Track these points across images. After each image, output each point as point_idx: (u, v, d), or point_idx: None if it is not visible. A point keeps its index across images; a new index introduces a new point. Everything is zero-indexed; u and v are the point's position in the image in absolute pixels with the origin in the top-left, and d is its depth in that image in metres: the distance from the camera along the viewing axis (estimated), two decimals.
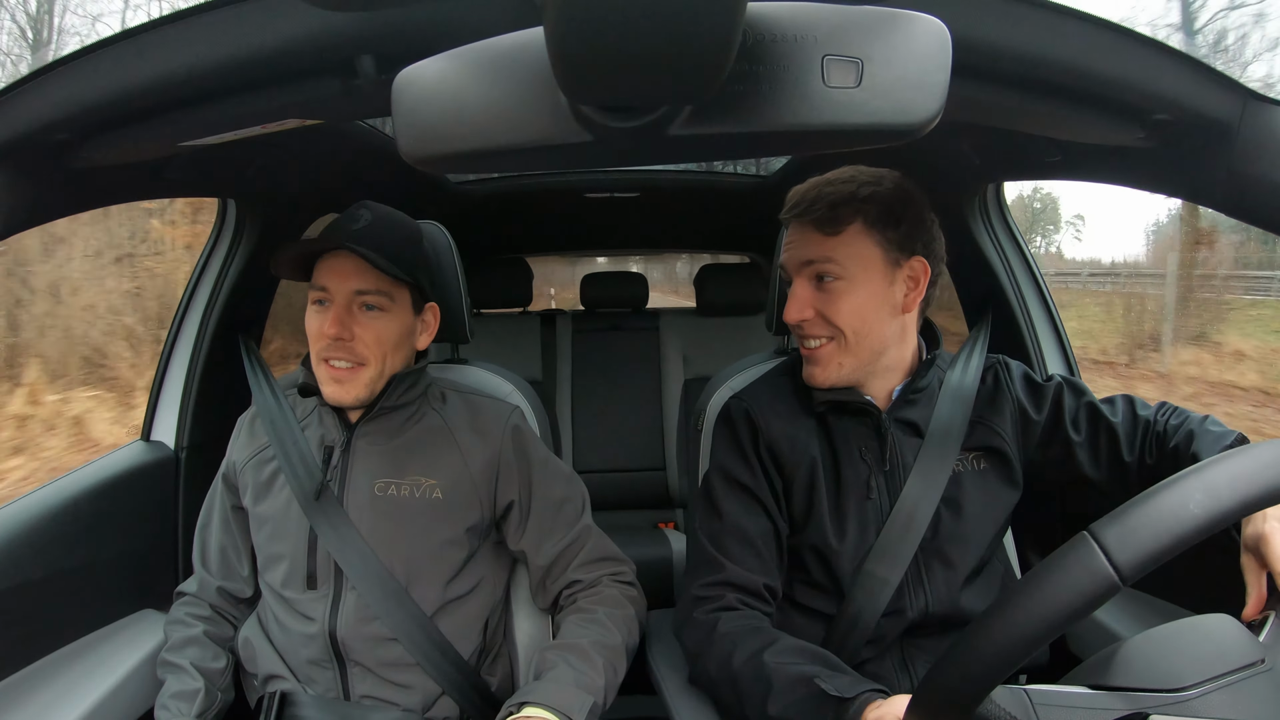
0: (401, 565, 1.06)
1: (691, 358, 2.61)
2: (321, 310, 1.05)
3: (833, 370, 1.02)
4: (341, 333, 1.03)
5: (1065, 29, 0.68)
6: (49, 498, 1.17)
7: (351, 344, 1.05)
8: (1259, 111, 0.73)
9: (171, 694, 1.06)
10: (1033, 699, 0.63)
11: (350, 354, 1.05)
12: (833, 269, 0.99)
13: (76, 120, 0.76)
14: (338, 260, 1.04)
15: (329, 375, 1.06)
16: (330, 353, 1.05)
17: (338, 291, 1.04)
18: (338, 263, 1.04)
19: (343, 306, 1.04)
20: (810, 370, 1.04)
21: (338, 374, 1.06)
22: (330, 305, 1.05)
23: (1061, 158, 1.10)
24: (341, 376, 1.06)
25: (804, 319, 1.01)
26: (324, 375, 1.07)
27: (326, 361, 1.06)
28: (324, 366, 1.06)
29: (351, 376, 1.06)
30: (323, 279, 1.05)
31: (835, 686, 0.81)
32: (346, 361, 1.05)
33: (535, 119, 0.50)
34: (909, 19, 0.48)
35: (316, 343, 1.06)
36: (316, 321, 1.05)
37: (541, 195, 2.27)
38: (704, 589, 1.00)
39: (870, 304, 0.99)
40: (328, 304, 1.05)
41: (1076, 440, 1.03)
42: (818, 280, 1.01)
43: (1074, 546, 0.54)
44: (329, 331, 1.03)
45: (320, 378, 1.07)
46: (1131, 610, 1.18)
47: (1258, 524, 0.78)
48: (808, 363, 1.04)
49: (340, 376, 1.06)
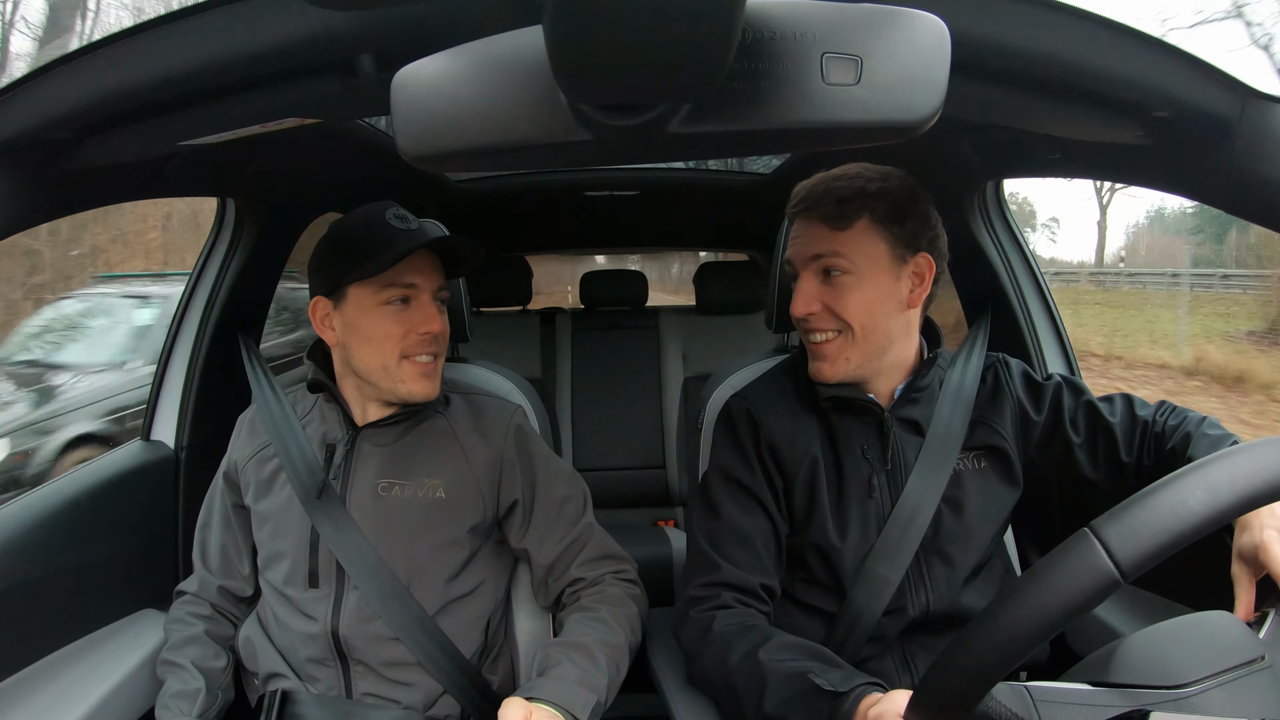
0: (403, 564, 1.06)
1: (691, 356, 2.61)
2: (405, 308, 1.05)
3: (840, 365, 1.02)
4: (443, 327, 1.07)
5: (1064, 26, 0.68)
6: (49, 498, 1.17)
7: (441, 336, 1.07)
8: (1259, 109, 0.73)
9: (172, 693, 1.06)
10: (1034, 696, 0.63)
11: (439, 346, 1.08)
12: (840, 263, 0.99)
13: (76, 120, 0.76)
14: (419, 259, 1.05)
15: (418, 372, 1.06)
16: (423, 348, 1.06)
17: (426, 287, 1.06)
18: (420, 261, 1.05)
19: (432, 301, 1.06)
20: (817, 365, 1.03)
21: (428, 368, 1.07)
22: (416, 302, 1.05)
23: (1061, 155, 1.10)
24: (431, 371, 1.07)
25: (811, 312, 1.01)
26: (410, 373, 1.06)
27: (411, 359, 1.05)
28: (408, 364, 1.06)
29: (437, 369, 1.08)
30: (410, 276, 1.05)
31: (830, 681, 0.81)
32: (433, 355, 1.07)
33: (534, 117, 0.50)
34: (908, 16, 0.48)
35: (403, 341, 1.05)
36: (400, 320, 1.05)
37: (541, 193, 2.27)
38: (700, 589, 1.00)
39: (877, 299, 0.99)
40: (410, 301, 1.05)
41: (1076, 441, 1.03)
42: (824, 274, 1.00)
43: (1075, 543, 0.55)
44: (434, 328, 1.05)
45: (405, 376, 1.06)
46: (1132, 607, 1.18)
47: (1254, 533, 0.78)
48: (814, 358, 1.04)
49: (430, 371, 1.07)
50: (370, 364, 1.06)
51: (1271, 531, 0.77)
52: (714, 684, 0.94)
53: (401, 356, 1.05)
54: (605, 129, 0.49)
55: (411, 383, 1.06)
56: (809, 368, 1.05)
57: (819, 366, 1.03)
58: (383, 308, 1.04)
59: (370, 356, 1.06)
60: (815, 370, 1.04)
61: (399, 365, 1.05)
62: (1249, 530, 0.79)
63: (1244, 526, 0.81)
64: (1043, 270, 1.53)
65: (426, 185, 2.00)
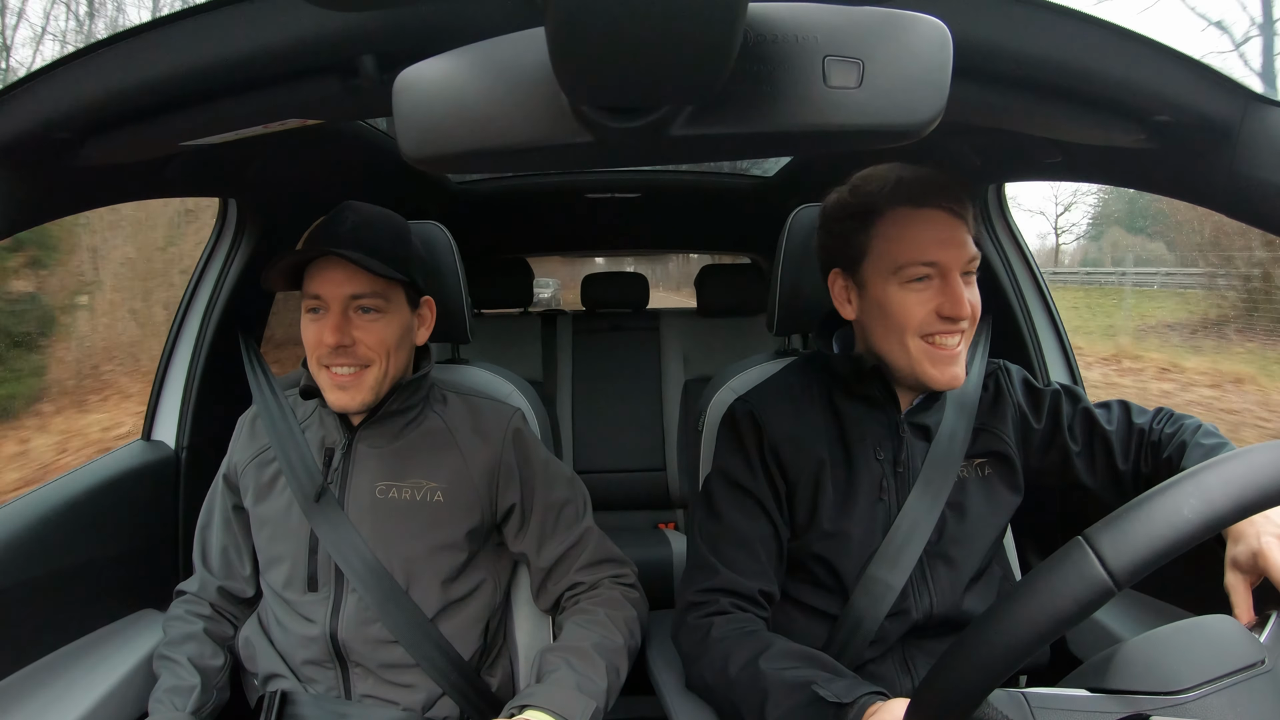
0: (401, 567, 1.06)
1: (692, 358, 2.61)
2: (317, 318, 1.03)
3: (961, 367, 0.96)
4: (342, 339, 1.01)
5: (1066, 30, 0.68)
6: (49, 498, 1.17)
7: (353, 348, 1.03)
8: (1260, 113, 0.73)
9: (166, 688, 1.06)
10: (1031, 702, 0.63)
11: (353, 358, 1.03)
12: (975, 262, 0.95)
13: (77, 120, 0.76)
14: (328, 266, 1.02)
15: (332, 382, 1.04)
16: (332, 360, 1.03)
17: (332, 298, 1.02)
18: (329, 269, 1.02)
19: (339, 313, 1.02)
20: (953, 372, 0.95)
21: (342, 380, 1.04)
22: (326, 313, 1.03)
23: (1062, 159, 1.10)
24: (346, 382, 1.04)
25: (966, 315, 0.93)
26: (326, 382, 1.05)
27: (328, 369, 1.04)
28: (325, 374, 1.05)
29: (356, 381, 1.04)
30: (315, 287, 1.02)
31: (833, 692, 0.80)
32: (350, 366, 1.04)
33: (536, 119, 0.50)
34: (910, 20, 0.48)
35: (315, 351, 1.04)
36: (314, 330, 1.03)
37: (542, 195, 2.27)
38: (698, 594, 0.99)
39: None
40: (323, 311, 1.03)
41: (1074, 450, 1.04)
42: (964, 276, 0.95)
43: (1068, 551, 0.54)
44: (329, 340, 1.01)
45: (323, 385, 1.05)
46: (1132, 612, 1.18)
47: (1250, 541, 0.79)
48: (948, 363, 0.95)
49: (344, 382, 1.04)
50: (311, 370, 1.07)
51: (1269, 538, 0.77)
52: (714, 692, 0.94)
53: (319, 366, 1.05)
54: (607, 131, 0.49)
55: (330, 392, 1.05)
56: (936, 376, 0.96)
57: (955, 374, 0.95)
58: (305, 315, 1.05)
59: (309, 363, 1.07)
60: (952, 378, 0.95)
61: (320, 373, 1.05)
62: (1244, 539, 0.80)
63: (1238, 537, 0.81)
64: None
65: (428, 187, 2.00)
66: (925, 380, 0.97)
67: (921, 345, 0.95)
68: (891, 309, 0.95)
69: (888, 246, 0.95)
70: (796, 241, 1.18)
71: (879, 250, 0.96)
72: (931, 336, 0.95)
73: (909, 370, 0.97)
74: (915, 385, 1.00)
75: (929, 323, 0.94)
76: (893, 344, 0.97)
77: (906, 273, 0.94)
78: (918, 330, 0.95)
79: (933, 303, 0.94)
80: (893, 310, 0.95)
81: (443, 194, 2.14)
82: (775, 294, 1.22)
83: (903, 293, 0.95)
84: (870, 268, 0.97)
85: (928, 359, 0.95)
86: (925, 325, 0.94)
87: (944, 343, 0.95)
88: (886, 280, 0.96)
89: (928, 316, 0.94)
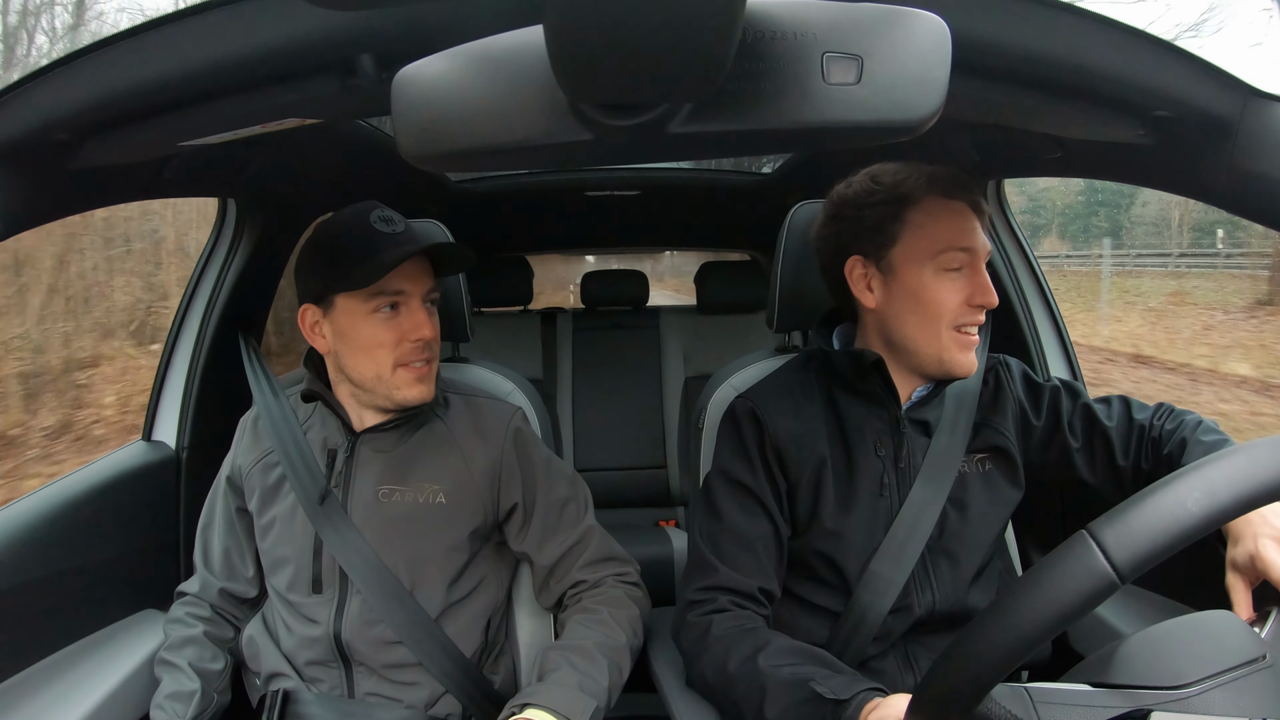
0: (405, 569, 1.06)
1: (692, 355, 2.61)
2: (394, 315, 1.04)
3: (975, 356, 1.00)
4: (437, 332, 1.06)
5: (1065, 25, 0.68)
6: (50, 498, 1.17)
7: (432, 341, 1.06)
8: (1260, 108, 0.73)
9: (167, 694, 1.06)
10: (1033, 697, 0.63)
11: (432, 351, 1.07)
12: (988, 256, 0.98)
13: (76, 120, 0.76)
14: (407, 263, 1.03)
15: (413, 377, 1.05)
16: (417, 354, 1.05)
17: (415, 292, 1.04)
18: (408, 265, 1.03)
19: (422, 307, 1.05)
20: (974, 359, 0.99)
21: (422, 373, 1.06)
22: (405, 309, 1.04)
23: (1062, 154, 1.10)
24: (425, 375, 1.06)
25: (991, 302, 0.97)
26: (405, 379, 1.05)
27: (406, 365, 1.05)
28: (403, 371, 1.05)
29: (431, 372, 1.08)
30: (399, 283, 1.03)
31: (831, 688, 0.80)
32: (426, 360, 1.06)
33: (535, 117, 0.50)
34: (909, 16, 0.48)
35: (396, 349, 1.04)
36: (390, 328, 1.03)
37: (542, 193, 2.27)
38: (698, 593, 0.99)
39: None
40: (400, 308, 1.04)
41: (1074, 446, 1.04)
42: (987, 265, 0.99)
43: (1072, 545, 0.54)
44: (425, 334, 1.04)
45: (399, 382, 1.05)
46: (1134, 607, 1.18)
47: (1247, 544, 0.79)
48: (967, 349, 0.98)
49: (424, 375, 1.06)
50: (364, 372, 1.05)
51: (1266, 540, 0.78)
52: (714, 690, 0.94)
53: (395, 364, 1.04)
54: (606, 129, 0.49)
55: (406, 389, 1.05)
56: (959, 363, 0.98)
57: (974, 359, 0.99)
58: (373, 316, 1.03)
59: (363, 365, 1.05)
60: (970, 364, 0.99)
61: (393, 373, 1.05)
62: (1242, 541, 0.80)
63: (1236, 538, 0.81)
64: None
65: (427, 185, 2.00)
66: (951, 367, 0.98)
67: (952, 334, 0.97)
68: (926, 296, 0.96)
69: (924, 232, 0.96)
70: (796, 238, 1.18)
71: (913, 236, 0.97)
72: (963, 326, 0.97)
73: (934, 357, 0.98)
74: (935, 373, 1.01)
75: (962, 313, 0.96)
76: (924, 331, 0.98)
77: (944, 259, 0.95)
78: (952, 321, 0.97)
79: (964, 292, 0.96)
80: (927, 298, 0.96)
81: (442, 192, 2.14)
82: (775, 290, 1.22)
83: (937, 280, 0.96)
84: (901, 254, 0.97)
85: (956, 345, 0.97)
86: (959, 316, 0.96)
87: (971, 331, 0.97)
88: (922, 266, 0.96)
89: (960, 306, 0.96)
